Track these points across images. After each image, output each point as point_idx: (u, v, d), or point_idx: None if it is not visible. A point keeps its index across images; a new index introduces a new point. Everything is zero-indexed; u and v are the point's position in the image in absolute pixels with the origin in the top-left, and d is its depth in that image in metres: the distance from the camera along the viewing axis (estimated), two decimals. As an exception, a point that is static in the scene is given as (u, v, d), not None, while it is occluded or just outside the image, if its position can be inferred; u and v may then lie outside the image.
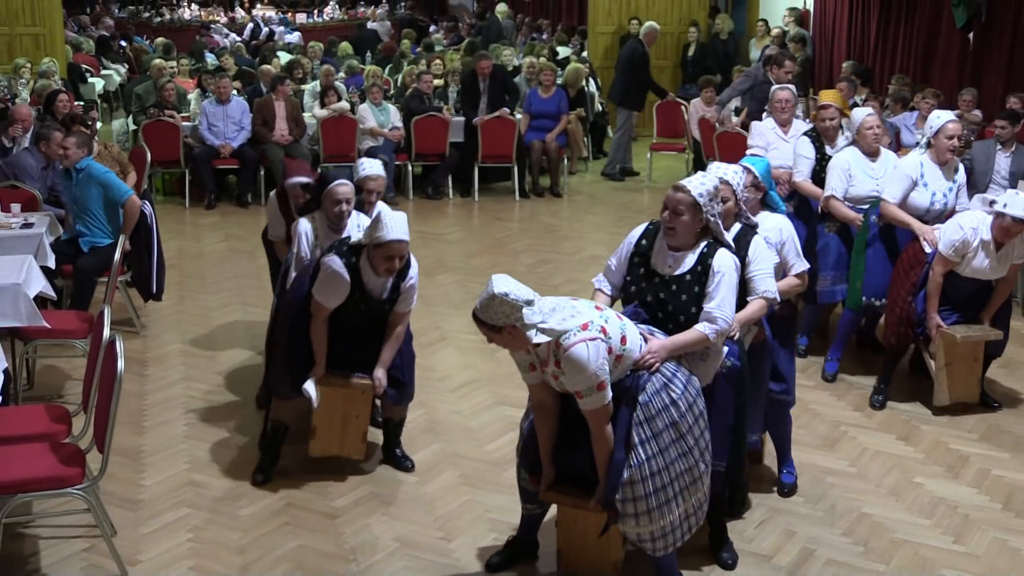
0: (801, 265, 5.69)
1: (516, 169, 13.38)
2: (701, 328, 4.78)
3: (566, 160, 14.02)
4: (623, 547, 5.07)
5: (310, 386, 5.79)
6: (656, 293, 4.93)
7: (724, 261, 4.83)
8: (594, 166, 15.32)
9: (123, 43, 22.16)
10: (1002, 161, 9.45)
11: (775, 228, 5.61)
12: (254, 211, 12.31)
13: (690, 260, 4.86)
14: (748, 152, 8.76)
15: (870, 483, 6.12)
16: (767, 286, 5.20)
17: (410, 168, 13.24)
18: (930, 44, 14.02)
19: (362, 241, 5.69)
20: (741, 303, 5.12)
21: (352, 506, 5.86)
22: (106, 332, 5.33)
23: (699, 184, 4.84)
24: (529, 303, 4.45)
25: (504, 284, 4.45)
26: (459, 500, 5.93)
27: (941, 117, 7.17)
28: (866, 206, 7.38)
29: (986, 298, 6.93)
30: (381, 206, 6.05)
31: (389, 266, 5.60)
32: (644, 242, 5.02)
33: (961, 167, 7.36)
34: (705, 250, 4.85)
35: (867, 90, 12.93)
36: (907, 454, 6.52)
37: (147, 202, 8.40)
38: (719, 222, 4.90)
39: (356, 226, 6.26)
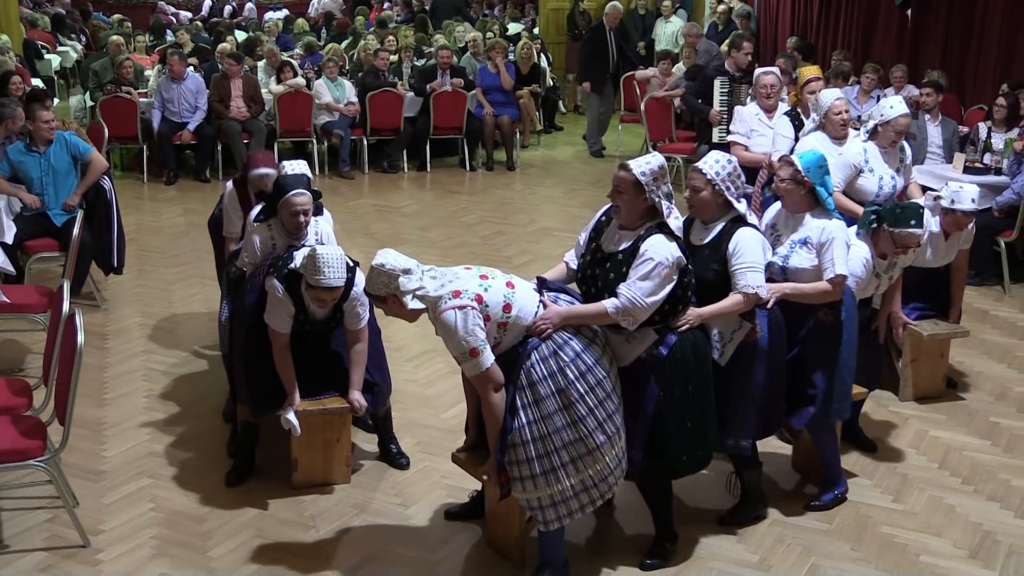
0: (833, 271, 5.23)
1: (466, 143, 13.53)
2: (604, 302, 4.68)
3: (519, 134, 14.14)
4: (523, 524, 5.06)
5: (292, 416, 5.56)
6: (593, 268, 4.85)
7: (655, 247, 4.65)
8: (546, 140, 15.44)
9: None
10: (933, 131, 9.65)
11: (818, 228, 5.30)
12: (213, 185, 12.33)
13: (628, 240, 4.74)
14: (728, 138, 8.68)
15: (813, 446, 6.26)
16: (747, 280, 4.93)
17: (365, 142, 13.32)
18: (870, 20, 14.31)
19: (299, 271, 5.45)
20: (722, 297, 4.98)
21: (311, 474, 5.94)
22: (65, 306, 5.35)
23: (644, 163, 4.70)
24: (406, 271, 4.59)
25: (383, 256, 4.62)
26: (416, 467, 6.04)
27: (894, 108, 6.94)
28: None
29: (934, 284, 6.87)
30: (324, 235, 5.87)
31: (320, 305, 5.47)
32: (604, 219, 4.99)
33: (908, 147, 7.25)
34: (643, 232, 4.72)
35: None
36: (849, 417, 6.70)
37: (106, 177, 8.41)
38: (664, 203, 4.71)
39: (315, 233, 5.98)
